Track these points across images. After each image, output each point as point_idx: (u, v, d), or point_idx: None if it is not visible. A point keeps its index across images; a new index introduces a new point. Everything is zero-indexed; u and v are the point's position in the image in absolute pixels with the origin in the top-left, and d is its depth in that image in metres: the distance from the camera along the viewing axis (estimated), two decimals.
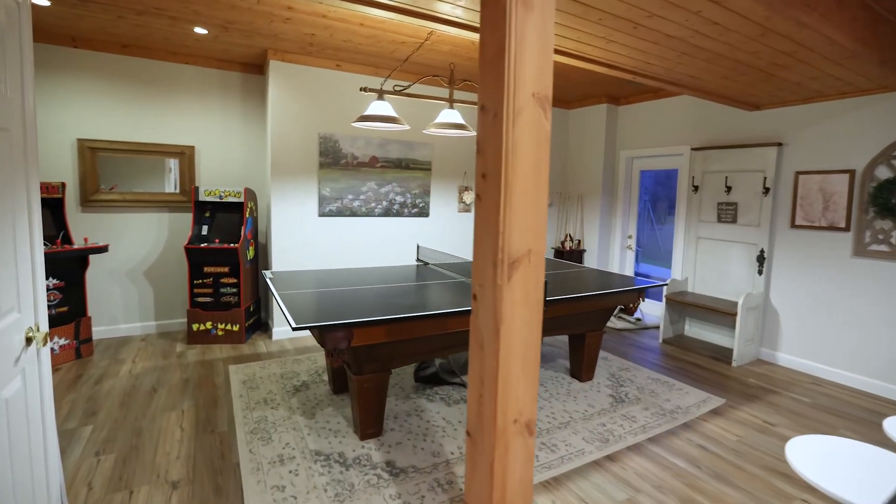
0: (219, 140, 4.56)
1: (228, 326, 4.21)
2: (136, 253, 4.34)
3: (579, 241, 5.93)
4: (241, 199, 4.23)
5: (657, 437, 2.83)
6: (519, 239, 1.35)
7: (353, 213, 4.62)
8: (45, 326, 1.56)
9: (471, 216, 5.39)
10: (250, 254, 4.40)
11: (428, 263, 3.99)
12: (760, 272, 4.29)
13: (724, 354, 4.34)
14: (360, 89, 2.83)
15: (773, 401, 3.44)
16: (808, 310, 4.03)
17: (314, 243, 4.49)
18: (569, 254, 5.79)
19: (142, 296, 4.41)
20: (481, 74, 1.34)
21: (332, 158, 4.45)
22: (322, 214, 4.47)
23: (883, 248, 3.57)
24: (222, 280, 4.19)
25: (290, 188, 4.32)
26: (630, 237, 5.69)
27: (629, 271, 5.73)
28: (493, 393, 1.36)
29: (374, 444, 2.62)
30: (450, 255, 4.17)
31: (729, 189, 4.47)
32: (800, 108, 4.01)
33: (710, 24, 2.32)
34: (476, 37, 2.68)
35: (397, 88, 2.99)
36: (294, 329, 2.06)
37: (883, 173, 3.56)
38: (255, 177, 4.77)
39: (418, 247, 4.14)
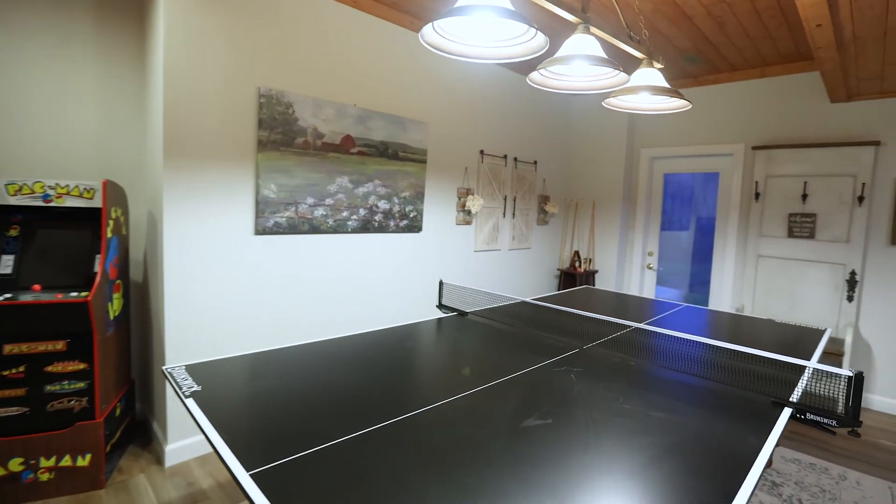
0: (46, 89, 2.37)
1: (66, 461, 2.06)
2: None
3: (589, 259, 4.73)
4: (97, 203, 2.14)
5: None
6: None
7: (315, 229, 2.76)
8: None
9: (472, 231, 3.82)
10: (115, 308, 2.30)
11: (467, 313, 2.36)
12: (851, 298, 3.46)
13: None
14: None
15: None
16: None
17: (248, 283, 2.53)
18: (582, 276, 4.54)
19: None
20: None
21: (281, 133, 2.56)
22: (262, 231, 2.54)
23: None
24: (49, 368, 2.04)
25: (202, 184, 2.34)
26: (651, 254, 4.65)
27: (649, 296, 4.67)
28: None
29: None
30: (485, 293, 2.59)
31: (805, 197, 3.60)
32: None
33: None
34: None
35: None
36: None
37: None
38: (124, 162, 2.64)
39: (441, 283, 2.47)
